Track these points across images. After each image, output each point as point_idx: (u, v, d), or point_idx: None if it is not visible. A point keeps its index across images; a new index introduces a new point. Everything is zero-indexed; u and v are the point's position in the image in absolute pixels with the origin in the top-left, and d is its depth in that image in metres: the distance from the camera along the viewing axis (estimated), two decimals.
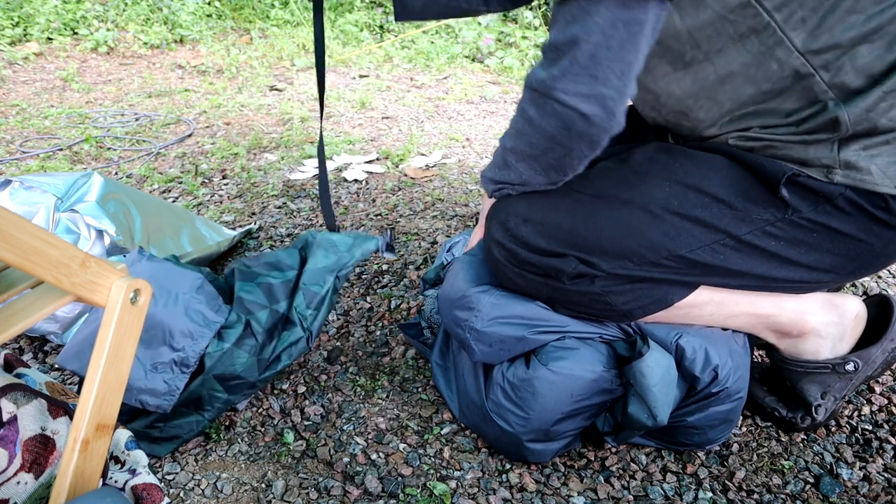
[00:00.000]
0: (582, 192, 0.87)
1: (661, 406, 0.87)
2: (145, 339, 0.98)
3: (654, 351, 0.88)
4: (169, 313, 0.99)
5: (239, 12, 4.67)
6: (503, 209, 0.90)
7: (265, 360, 1.03)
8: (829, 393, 0.98)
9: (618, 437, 0.96)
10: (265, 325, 1.04)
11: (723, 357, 0.90)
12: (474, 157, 2.31)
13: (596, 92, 0.71)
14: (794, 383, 0.99)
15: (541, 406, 0.90)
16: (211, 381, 0.99)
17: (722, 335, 0.93)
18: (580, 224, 0.85)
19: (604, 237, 0.85)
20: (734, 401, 0.93)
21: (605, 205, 0.86)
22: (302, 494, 0.92)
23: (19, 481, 0.72)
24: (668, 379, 0.87)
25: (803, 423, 1.01)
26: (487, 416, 0.95)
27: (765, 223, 0.82)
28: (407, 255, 1.59)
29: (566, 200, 0.87)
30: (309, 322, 1.07)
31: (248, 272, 1.12)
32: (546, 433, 0.92)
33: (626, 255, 0.85)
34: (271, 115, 2.80)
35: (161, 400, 0.96)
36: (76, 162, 2.21)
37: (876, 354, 0.96)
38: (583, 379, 0.89)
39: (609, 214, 0.85)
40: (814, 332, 0.95)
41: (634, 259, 0.85)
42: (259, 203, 1.89)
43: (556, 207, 0.87)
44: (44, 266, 0.58)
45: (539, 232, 0.86)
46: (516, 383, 0.92)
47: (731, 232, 0.83)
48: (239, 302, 1.06)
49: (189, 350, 0.98)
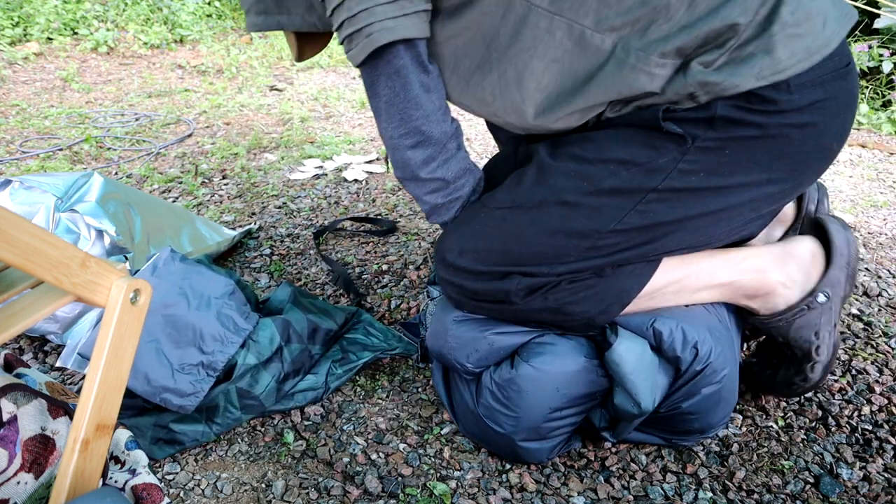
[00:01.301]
0: (500, 207, 0.89)
1: (643, 392, 0.87)
2: (175, 338, 1.00)
3: (623, 339, 0.88)
4: (201, 316, 1.01)
5: (239, 12, 4.67)
6: (439, 248, 0.92)
7: (283, 391, 1.05)
8: (820, 330, 0.98)
9: (615, 431, 0.96)
10: (294, 358, 1.07)
11: (701, 333, 0.90)
12: (474, 157, 2.31)
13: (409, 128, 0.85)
14: (784, 337, 0.99)
15: (527, 404, 0.91)
16: (234, 391, 1.00)
17: (699, 312, 0.93)
18: (509, 240, 0.86)
19: (535, 243, 0.86)
20: (721, 377, 0.92)
21: (523, 213, 0.87)
22: (302, 494, 0.92)
23: (19, 481, 0.72)
24: (643, 364, 0.88)
25: (816, 373, 1.00)
26: (480, 421, 0.96)
27: (674, 163, 0.82)
28: (407, 255, 1.59)
29: (489, 222, 0.88)
30: (332, 379, 1.10)
31: (303, 302, 1.17)
32: (537, 431, 0.92)
33: (562, 252, 0.85)
34: (271, 115, 2.80)
35: (185, 400, 0.97)
36: (76, 162, 2.21)
37: (837, 275, 0.96)
38: (565, 372, 0.90)
39: (531, 220, 0.86)
40: (780, 285, 0.96)
41: (572, 253, 0.85)
42: (259, 203, 1.89)
43: (483, 231, 0.88)
44: (44, 266, 0.58)
45: (476, 259, 0.88)
46: (502, 384, 0.92)
47: (649, 186, 0.83)
48: (284, 324, 1.08)
49: (218, 354, 1.00)
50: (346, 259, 1.57)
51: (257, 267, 1.54)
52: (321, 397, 1.09)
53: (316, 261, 1.56)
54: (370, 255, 1.59)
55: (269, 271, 1.52)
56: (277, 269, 1.52)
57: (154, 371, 0.98)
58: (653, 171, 0.82)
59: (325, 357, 1.13)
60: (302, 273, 1.51)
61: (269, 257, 1.58)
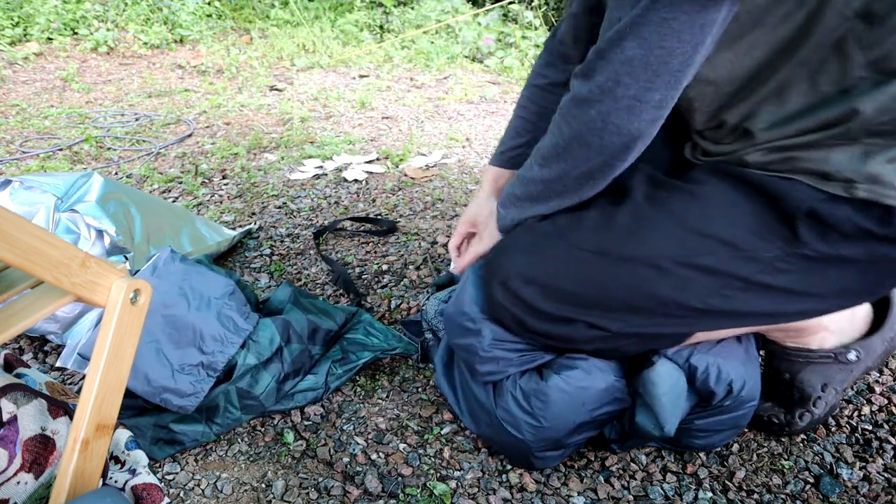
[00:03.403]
0: (582, 248, 0.84)
1: (670, 416, 0.87)
2: (175, 339, 1.00)
3: (664, 360, 0.88)
4: (201, 316, 1.01)
5: (239, 12, 4.68)
6: (503, 266, 0.87)
7: (283, 391, 1.05)
8: (830, 385, 0.96)
9: (624, 444, 0.96)
10: (294, 358, 1.07)
11: (737, 371, 0.89)
12: (474, 157, 2.31)
13: (646, 98, 0.70)
14: (793, 375, 0.97)
15: (554, 415, 0.89)
16: (234, 392, 1.00)
17: (733, 347, 0.92)
18: (585, 287, 0.83)
19: (611, 298, 0.82)
20: (748, 408, 0.93)
21: (609, 264, 0.82)
22: (302, 494, 0.92)
23: (19, 481, 0.72)
24: (677, 390, 0.88)
25: (802, 423, 0.99)
26: (497, 424, 0.94)
27: (773, 259, 0.79)
28: (407, 255, 1.59)
29: (569, 261, 0.84)
30: (332, 380, 1.10)
31: (303, 302, 1.16)
32: (557, 442, 0.92)
33: (635, 313, 0.83)
34: (271, 115, 2.80)
35: (185, 401, 0.97)
36: (76, 162, 2.21)
37: (877, 344, 0.95)
38: (595, 388, 0.89)
39: (614, 274, 0.82)
40: (824, 328, 0.94)
41: (644, 315, 0.83)
42: (259, 203, 1.89)
43: (556, 267, 0.84)
44: (44, 266, 0.58)
45: (543, 295, 0.84)
46: (529, 392, 0.91)
47: (740, 274, 0.80)
48: (284, 324, 1.08)
49: (218, 355, 1.00)
50: (346, 259, 1.57)
51: (257, 267, 1.54)
52: (321, 397, 1.09)
53: (316, 261, 1.56)
54: (370, 255, 1.59)
55: (269, 271, 1.52)
56: (277, 269, 1.52)
57: (154, 371, 0.97)
58: (750, 261, 0.79)
59: (325, 357, 1.13)
60: (302, 273, 1.51)
61: (269, 257, 1.58)
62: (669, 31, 0.67)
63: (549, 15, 4.40)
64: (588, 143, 0.77)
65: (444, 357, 1.09)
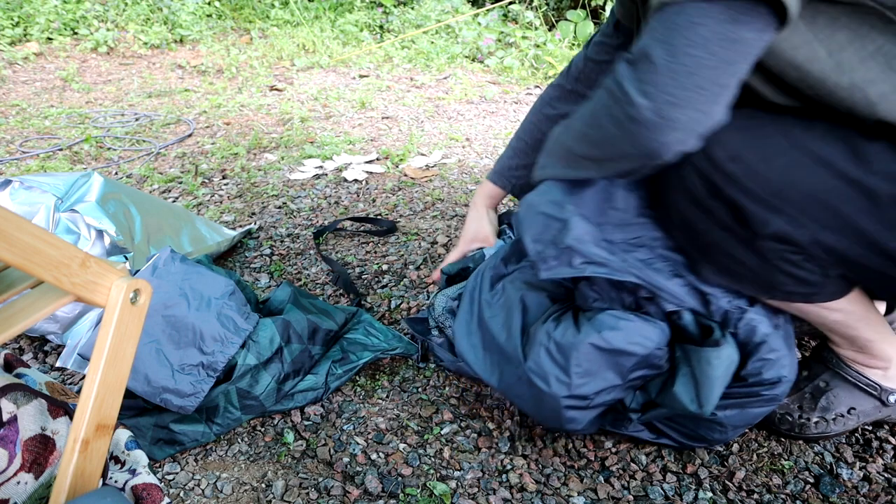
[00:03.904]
0: (807, 150, 0.75)
1: (713, 398, 0.84)
2: (175, 339, 1.00)
3: (729, 344, 0.84)
4: (201, 317, 1.01)
5: (239, 12, 4.68)
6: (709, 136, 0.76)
7: (283, 391, 1.05)
8: (858, 413, 0.96)
9: (645, 414, 0.93)
10: (294, 359, 1.07)
11: (791, 367, 0.85)
12: (474, 157, 2.31)
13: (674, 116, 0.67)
14: (831, 386, 0.96)
15: (586, 371, 0.86)
16: (234, 392, 1.00)
17: (790, 333, 0.88)
18: (795, 184, 0.75)
19: (816, 202, 0.74)
20: (773, 405, 0.90)
21: (827, 174, 0.74)
22: (302, 494, 0.92)
23: (19, 481, 0.72)
24: (729, 373, 0.84)
25: (815, 429, 0.98)
26: (525, 377, 0.90)
27: None
28: (407, 255, 1.59)
29: (789, 157, 0.75)
30: (332, 380, 1.10)
31: (303, 302, 1.16)
32: (586, 398, 0.88)
33: (834, 224, 0.75)
34: (271, 115, 2.80)
35: (185, 401, 0.97)
36: (76, 162, 2.21)
37: None
38: (633, 353, 0.86)
39: (832, 187, 0.74)
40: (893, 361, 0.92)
41: (838, 232, 0.75)
42: (259, 203, 1.89)
43: (772, 157, 0.76)
44: (44, 266, 0.58)
45: (747, 175, 0.76)
46: (564, 345, 0.87)
47: None
48: (284, 324, 1.08)
49: (218, 355, 1.00)
50: (346, 259, 1.57)
51: (257, 267, 1.54)
52: (321, 397, 1.09)
53: (316, 261, 1.56)
54: (370, 255, 1.59)
55: (269, 271, 1.52)
56: (277, 269, 1.52)
57: (154, 372, 0.98)
58: None
59: (325, 357, 1.13)
60: (302, 273, 1.51)
61: (269, 257, 1.58)
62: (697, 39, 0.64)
63: (549, 15, 4.40)
64: (626, 154, 0.74)
65: (466, 316, 1.03)
